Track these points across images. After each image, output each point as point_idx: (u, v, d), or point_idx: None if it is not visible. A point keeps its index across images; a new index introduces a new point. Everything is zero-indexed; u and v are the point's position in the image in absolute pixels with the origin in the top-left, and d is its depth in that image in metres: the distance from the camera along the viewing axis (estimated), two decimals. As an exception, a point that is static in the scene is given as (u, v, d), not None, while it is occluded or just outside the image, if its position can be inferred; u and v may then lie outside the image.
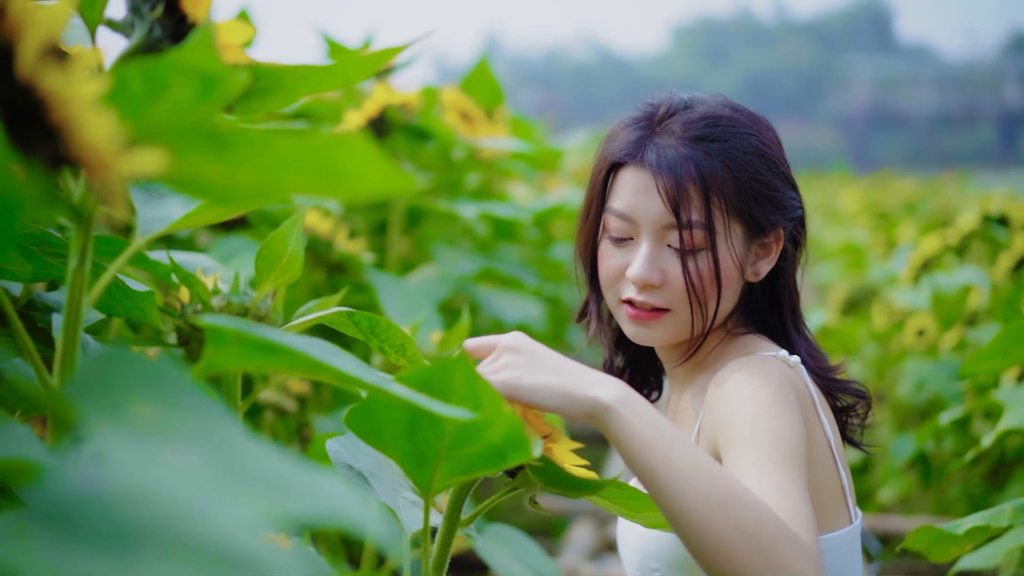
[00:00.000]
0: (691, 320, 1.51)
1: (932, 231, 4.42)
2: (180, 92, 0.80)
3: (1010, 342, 2.01)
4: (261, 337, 0.91)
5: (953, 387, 3.22)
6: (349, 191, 0.75)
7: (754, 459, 1.29)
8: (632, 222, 1.51)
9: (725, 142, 1.50)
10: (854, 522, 1.51)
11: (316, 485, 0.61)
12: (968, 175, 13.96)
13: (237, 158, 0.73)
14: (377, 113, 2.59)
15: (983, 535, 1.69)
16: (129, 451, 0.52)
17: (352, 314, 1.32)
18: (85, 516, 0.43)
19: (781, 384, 1.40)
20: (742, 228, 1.50)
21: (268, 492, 0.56)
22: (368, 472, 1.34)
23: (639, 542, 1.54)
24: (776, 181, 1.52)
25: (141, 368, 0.68)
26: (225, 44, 0.97)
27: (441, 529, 1.27)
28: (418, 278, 2.63)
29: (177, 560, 0.43)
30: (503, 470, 1.23)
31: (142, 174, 0.67)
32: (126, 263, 1.08)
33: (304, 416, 2.27)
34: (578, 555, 2.96)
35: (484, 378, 1.06)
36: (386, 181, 0.75)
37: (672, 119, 1.53)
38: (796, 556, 1.13)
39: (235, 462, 0.59)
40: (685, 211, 1.47)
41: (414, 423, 1.10)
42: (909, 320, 3.63)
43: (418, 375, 1.05)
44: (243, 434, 0.65)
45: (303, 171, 0.74)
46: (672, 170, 1.48)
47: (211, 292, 1.49)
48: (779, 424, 1.34)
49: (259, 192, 0.76)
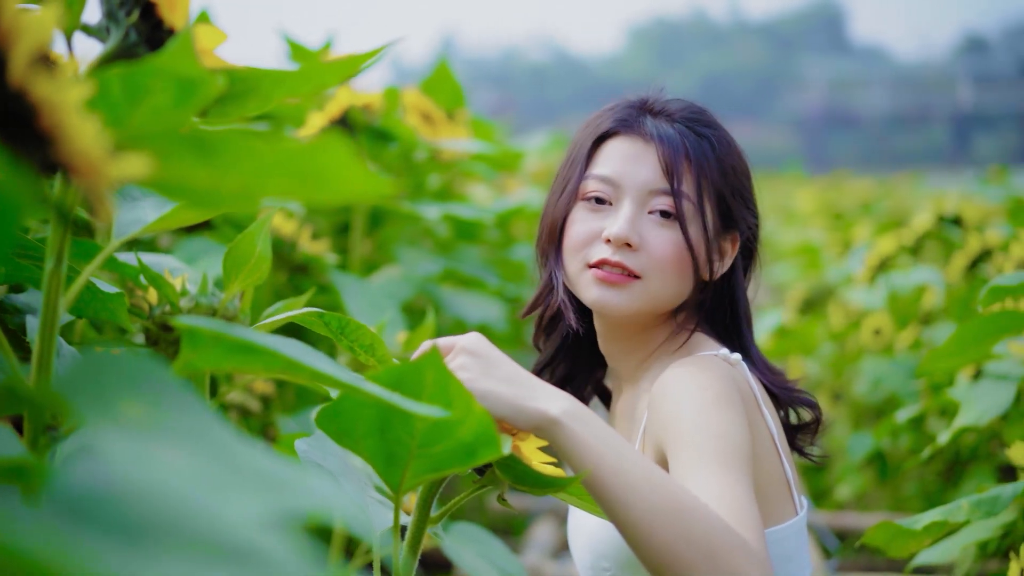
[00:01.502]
0: (663, 292, 1.52)
1: (887, 231, 4.47)
2: (159, 97, 0.81)
3: (965, 341, 2.05)
4: (238, 337, 0.93)
5: (909, 385, 3.27)
6: (328, 195, 0.77)
7: (700, 462, 1.31)
8: (616, 186, 1.54)
9: (714, 130, 1.56)
10: (800, 513, 1.54)
11: (305, 482, 0.62)
12: (921, 175, 14.07)
13: (221, 163, 0.75)
14: (340, 114, 2.60)
15: (941, 530, 1.72)
16: (124, 448, 0.54)
17: (322, 315, 1.34)
18: (96, 511, 0.45)
19: (724, 384, 1.43)
20: (715, 216, 1.54)
21: (262, 488, 0.58)
22: (337, 471, 1.35)
23: (589, 542, 1.56)
24: (746, 181, 1.58)
25: (128, 368, 0.69)
26: (202, 49, 0.99)
27: (411, 527, 1.28)
28: (381, 279, 2.64)
29: (189, 552, 0.44)
30: (472, 468, 1.25)
31: (129, 178, 0.69)
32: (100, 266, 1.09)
33: (268, 417, 2.28)
34: (540, 553, 2.98)
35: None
36: (363, 185, 0.76)
37: (664, 104, 1.59)
38: (744, 561, 1.16)
39: (227, 459, 0.60)
40: (679, 180, 1.50)
41: (385, 422, 1.12)
42: (865, 320, 3.68)
43: (389, 374, 1.07)
44: (231, 432, 0.66)
45: (284, 175, 0.76)
46: (670, 140, 1.52)
47: (179, 293, 1.49)
48: (724, 425, 1.36)
49: (242, 196, 0.78)
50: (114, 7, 1.00)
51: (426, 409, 0.97)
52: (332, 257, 2.45)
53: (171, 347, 1.53)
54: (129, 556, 0.42)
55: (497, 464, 1.20)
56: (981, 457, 3.00)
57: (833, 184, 13.59)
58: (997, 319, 1.98)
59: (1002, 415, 2.43)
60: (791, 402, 1.59)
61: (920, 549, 1.82)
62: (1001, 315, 1.97)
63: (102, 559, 0.41)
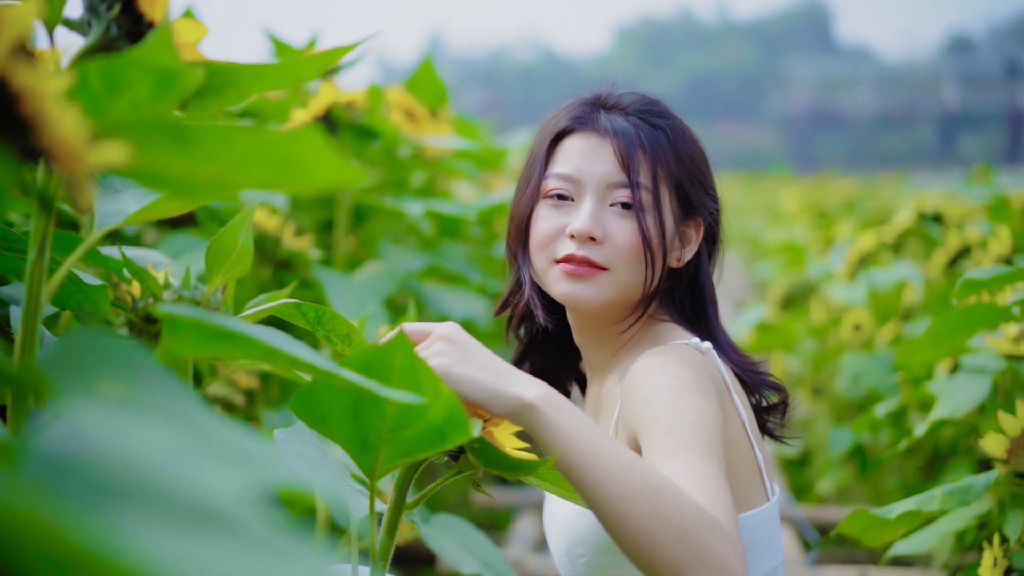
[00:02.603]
0: (630, 281, 1.55)
1: (869, 229, 4.50)
2: (138, 89, 0.83)
3: (941, 334, 2.07)
4: (217, 324, 0.95)
5: (889, 380, 3.29)
6: (304, 183, 0.79)
7: (674, 447, 1.33)
8: (576, 183, 1.57)
9: (668, 119, 1.59)
10: (771, 499, 1.56)
11: (279, 457, 0.64)
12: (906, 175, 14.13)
13: (199, 152, 0.77)
14: (323, 111, 2.62)
15: (914, 520, 1.74)
16: (101, 420, 0.56)
17: (300, 305, 1.36)
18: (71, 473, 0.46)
19: (696, 371, 1.45)
20: (675, 204, 1.57)
21: (237, 462, 0.60)
22: (314, 462, 1.37)
23: (564, 529, 1.58)
24: (704, 168, 1.61)
25: (108, 349, 0.71)
26: (181, 43, 1.01)
27: (387, 513, 1.30)
28: (364, 274, 2.66)
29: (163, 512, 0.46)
30: (445, 453, 1.27)
31: (108, 166, 0.71)
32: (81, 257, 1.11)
33: (252, 411, 2.30)
34: (523, 547, 3.00)
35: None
36: (338, 174, 0.78)
37: (617, 98, 1.62)
38: (718, 542, 1.18)
39: (204, 435, 0.62)
40: (635, 172, 1.54)
41: (357, 406, 1.13)
42: (846, 315, 3.70)
43: (359, 358, 1.09)
44: (209, 413, 0.69)
45: (261, 165, 0.78)
46: (625, 134, 1.56)
47: (162, 286, 1.52)
48: (697, 411, 1.38)
49: (220, 185, 0.80)
50: (95, 1, 1.02)
51: (395, 393, 0.99)
52: (315, 253, 2.47)
53: (154, 339, 1.56)
54: (103, 512, 0.44)
55: (470, 449, 1.22)
56: (961, 451, 3.02)
57: (818, 184, 13.64)
58: (971, 312, 2.00)
59: (978, 408, 2.46)
60: (758, 386, 1.62)
61: (894, 538, 1.84)
62: (975, 308, 1.99)
63: (76, 513, 0.43)
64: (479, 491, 1.33)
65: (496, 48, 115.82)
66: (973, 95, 59.50)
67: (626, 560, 1.51)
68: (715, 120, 79.56)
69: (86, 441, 0.50)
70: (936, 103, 60.69)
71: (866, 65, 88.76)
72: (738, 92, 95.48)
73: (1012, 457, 1.75)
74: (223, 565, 0.45)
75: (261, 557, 0.48)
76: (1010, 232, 2.73)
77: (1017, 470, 1.74)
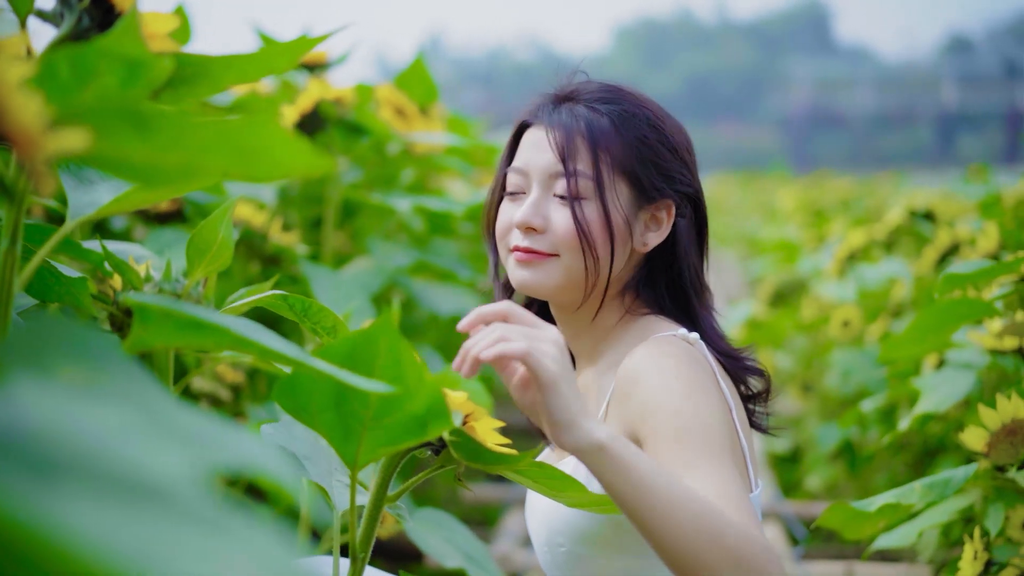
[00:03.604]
0: (580, 267, 1.56)
1: (860, 226, 4.51)
2: (107, 78, 0.84)
3: (924, 329, 2.08)
4: (187, 314, 0.95)
5: (878, 376, 3.30)
6: (267, 171, 0.80)
7: (690, 459, 1.36)
8: (525, 175, 1.60)
9: (617, 105, 1.59)
10: (755, 491, 1.57)
11: (236, 440, 0.65)
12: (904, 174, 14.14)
13: (160, 139, 0.77)
14: (311, 107, 2.63)
15: (894, 513, 1.75)
16: (50, 402, 0.56)
17: (286, 297, 1.36)
18: (6, 451, 0.47)
19: (692, 368, 1.47)
20: (628, 189, 1.57)
21: (189, 443, 0.61)
22: (303, 455, 1.37)
23: (544, 518, 1.59)
24: (663, 149, 1.59)
25: (70, 334, 0.71)
26: (151, 33, 1.01)
27: (368, 504, 1.31)
28: (352, 270, 2.67)
29: (100, 488, 0.47)
30: (428, 447, 1.28)
31: (67, 152, 0.71)
32: (55, 247, 1.11)
33: (239, 406, 2.30)
34: (511, 542, 3.01)
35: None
36: (301, 162, 0.79)
37: (573, 89, 1.64)
38: (765, 561, 1.23)
39: (159, 417, 0.63)
40: (572, 161, 1.56)
41: (340, 395, 1.13)
42: (834, 312, 3.71)
43: (342, 345, 1.09)
44: (168, 396, 0.69)
45: (222, 152, 0.78)
46: (563, 124, 1.58)
47: (143, 279, 1.52)
48: (703, 412, 1.41)
49: (182, 173, 0.80)
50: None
51: (371, 384, 0.99)
52: (302, 248, 2.48)
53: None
54: (36, 487, 0.44)
55: (451, 443, 1.23)
56: (949, 447, 3.03)
57: (815, 183, 13.66)
58: (954, 307, 2.01)
59: (963, 403, 2.47)
60: (742, 372, 1.62)
61: (875, 531, 1.85)
62: (957, 303, 2.00)
63: (5, 487, 0.43)
64: (460, 485, 1.34)
65: (495, 48, 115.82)
66: (972, 95, 59.47)
67: (605, 551, 1.52)
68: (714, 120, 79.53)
69: (28, 419, 0.51)
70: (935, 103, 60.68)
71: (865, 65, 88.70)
72: (737, 92, 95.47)
73: (992, 451, 1.76)
74: (157, 541, 0.45)
75: (199, 534, 0.48)
76: (998, 228, 2.73)
77: (997, 463, 1.75)
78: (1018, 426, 1.75)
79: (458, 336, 1.37)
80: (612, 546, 1.52)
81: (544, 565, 1.63)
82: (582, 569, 1.56)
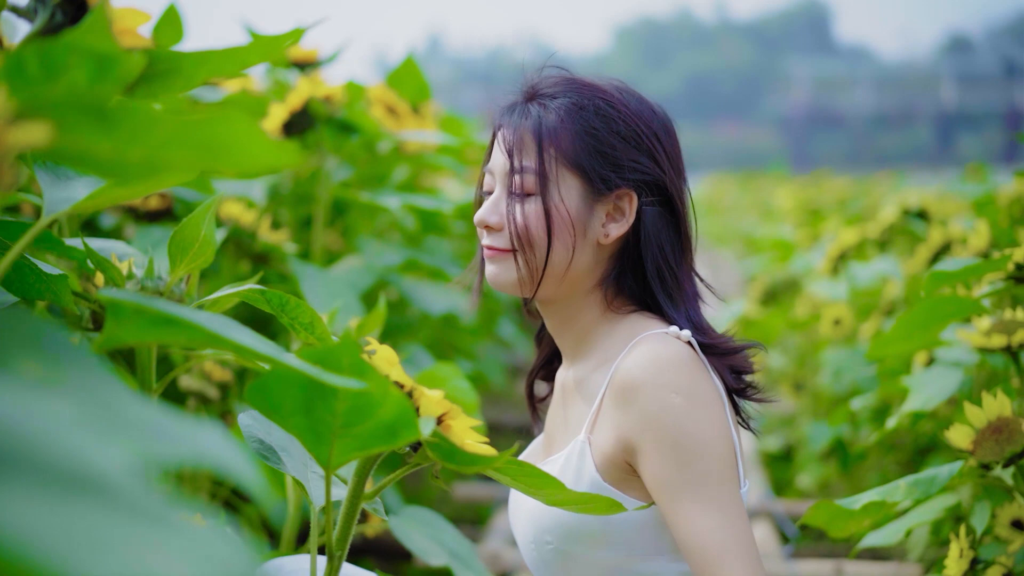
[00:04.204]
0: (535, 262, 1.57)
1: (853, 224, 4.50)
2: (76, 72, 0.83)
3: (912, 327, 2.08)
4: (159, 310, 0.95)
5: (870, 375, 3.29)
6: (232, 165, 0.79)
7: (697, 491, 1.44)
8: (492, 175, 1.63)
9: (567, 98, 1.59)
10: (743, 488, 1.57)
11: (191, 434, 0.65)
12: (902, 174, 14.14)
13: (124, 134, 0.77)
14: (301, 106, 2.62)
15: (879, 510, 1.74)
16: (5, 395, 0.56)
17: (264, 291, 1.36)
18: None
19: (692, 375, 1.49)
20: (578, 182, 1.57)
21: (141, 437, 0.60)
22: (279, 447, 1.37)
23: (532, 516, 1.58)
24: (613, 139, 1.57)
25: (29, 328, 0.71)
26: (123, 29, 1.01)
27: (345, 502, 1.30)
28: (341, 268, 2.66)
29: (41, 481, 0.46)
30: (404, 445, 1.27)
31: (29, 145, 0.71)
32: (33, 243, 1.11)
33: (227, 404, 2.30)
34: (501, 540, 3.01)
35: (369, 360, 1.11)
36: (268, 155, 0.79)
37: (532, 86, 1.65)
38: None
39: (112, 411, 0.62)
40: (519, 156, 1.57)
41: (310, 400, 1.13)
42: (825, 310, 3.70)
43: (308, 357, 1.09)
44: (125, 390, 0.69)
45: (188, 146, 0.78)
46: (514, 123, 1.60)
47: (126, 276, 1.52)
48: (706, 432, 1.46)
49: (147, 168, 0.80)
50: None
51: (338, 380, 0.99)
52: (291, 246, 2.47)
53: (116, 329, 1.56)
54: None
55: (426, 443, 1.22)
56: (942, 446, 3.03)
57: (813, 182, 13.65)
58: (941, 305, 2.00)
59: (955, 401, 2.46)
60: (727, 360, 1.60)
61: (860, 529, 1.84)
62: (944, 300, 2.00)
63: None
64: (437, 483, 1.33)
65: (495, 47, 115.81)
66: (971, 95, 59.46)
67: (594, 546, 1.52)
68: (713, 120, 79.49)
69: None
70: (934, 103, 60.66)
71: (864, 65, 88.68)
72: (737, 92, 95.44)
73: (978, 449, 1.76)
74: (91, 534, 0.45)
75: (138, 528, 0.48)
76: (989, 227, 2.73)
77: (983, 461, 1.75)
78: (1003, 424, 1.75)
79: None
80: (600, 542, 1.52)
81: (529, 562, 1.63)
82: (569, 565, 1.56)
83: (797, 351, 4.29)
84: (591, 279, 1.61)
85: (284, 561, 1.53)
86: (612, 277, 1.62)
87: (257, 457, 1.38)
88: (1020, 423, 1.74)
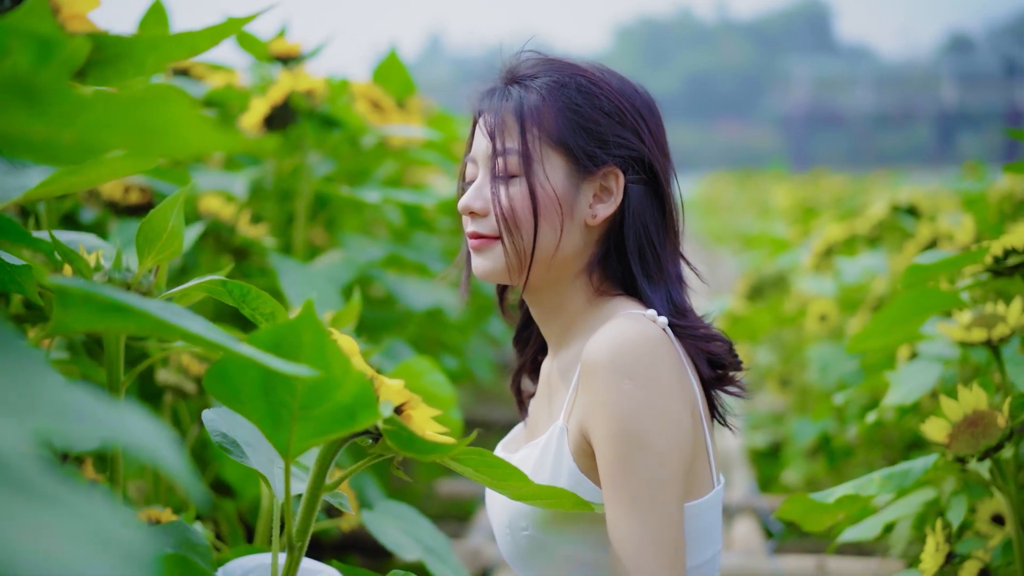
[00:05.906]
0: (521, 246, 1.54)
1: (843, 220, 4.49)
2: (18, 56, 0.82)
3: (891, 320, 2.07)
4: (107, 297, 0.94)
5: (855, 370, 3.29)
6: (168, 148, 0.78)
7: (633, 491, 1.40)
8: (475, 162, 1.60)
9: (548, 77, 1.57)
10: (717, 486, 1.55)
11: (112, 416, 0.64)
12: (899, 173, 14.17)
13: (56, 117, 0.76)
14: (282, 100, 2.61)
15: (852, 504, 1.73)
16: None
17: (225, 282, 1.35)
18: None
19: (652, 359, 1.44)
20: (563, 161, 1.54)
21: (55, 416, 0.59)
22: (243, 441, 1.36)
23: (505, 505, 1.56)
24: (597, 115, 1.54)
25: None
26: (71, 14, 1.00)
27: (305, 493, 1.29)
28: (322, 263, 2.65)
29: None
30: (365, 433, 1.26)
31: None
32: None
33: (205, 399, 2.29)
34: (483, 536, 3.00)
35: (332, 337, 1.09)
36: (205, 138, 0.78)
37: (510, 70, 1.63)
38: None
39: (28, 390, 0.61)
40: (501, 139, 1.54)
41: (268, 383, 1.12)
42: (811, 306, 3.69)
43: (268, 335, 1.07)
44: (52, 374, 0.68)
45: (121, 129, 0.77)
46: (495, 106, 1.57)
47: (93, 268, 1.51)
48: (654, 427, 1.41)
49: (81, 149, 0.79)
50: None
51: (294, 368, 0.98)
52: (270, 241, 2.47)
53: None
54: None
55: (385, 431, 1.21)
56: (927, 441, 3.02)
57: (810, 181, 13.66)
58: (920, 298, 2.00)
59: (934, 394, 2.45)
60: (705, 347, 1.57)
61: (834, 523, 1.83)
62: (923, 294, 1.99)
63: None
64: (398, 474, 1.32)
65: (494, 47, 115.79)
66: (972, 94, 59.40)
67: (567, 536, 1.50)
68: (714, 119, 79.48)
69: None
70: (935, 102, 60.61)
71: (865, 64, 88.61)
72: (737, 91, 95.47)
73: (953, 442, 1.75)
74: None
75: (28, 507, 0.47)
76: (974, 221, 2.72)
77: (958, 455, 1.74)
78: (979, 417, 1.74)
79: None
80: (575, 532, 1.49)
81: (504, 550, 1.61)
82: (543, 555, 1.53)
83: (784, 347, 4.28)
84: (579, 263, 1.58)
85: (244, 561, 1.52)
86: (598, 260, 1.59)
87: (221, 451, 1.37)
88: (996, 417, 1.73)
